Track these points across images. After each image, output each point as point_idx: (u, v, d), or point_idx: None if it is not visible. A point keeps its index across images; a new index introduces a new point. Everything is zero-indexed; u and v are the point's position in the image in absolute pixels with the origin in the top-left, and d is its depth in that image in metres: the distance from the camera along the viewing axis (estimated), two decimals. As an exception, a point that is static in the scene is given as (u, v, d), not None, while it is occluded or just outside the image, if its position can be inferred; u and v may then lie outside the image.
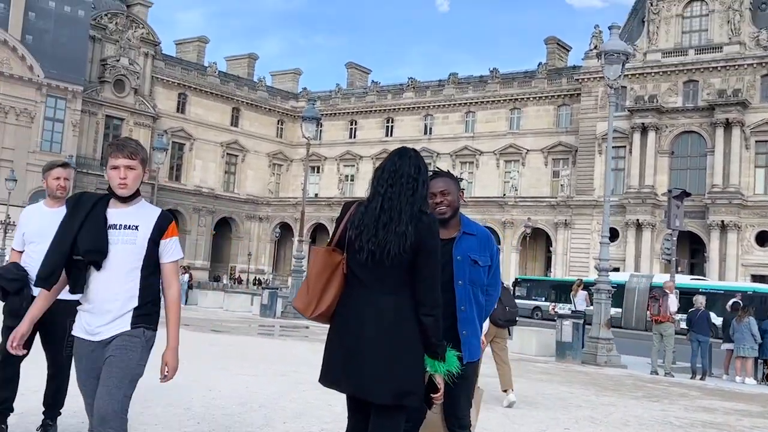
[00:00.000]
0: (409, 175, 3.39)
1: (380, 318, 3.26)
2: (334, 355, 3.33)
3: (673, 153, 53.87)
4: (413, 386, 3.27)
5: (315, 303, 3.36)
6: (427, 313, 3.29)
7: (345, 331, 3.33)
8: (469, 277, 3.91)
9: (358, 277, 3.34)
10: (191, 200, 68.28)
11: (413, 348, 3.28)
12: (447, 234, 3.95)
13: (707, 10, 54.27)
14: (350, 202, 3.53)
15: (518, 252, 60.28)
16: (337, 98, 75.20)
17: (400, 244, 3.25)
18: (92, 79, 61.23)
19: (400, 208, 3.31)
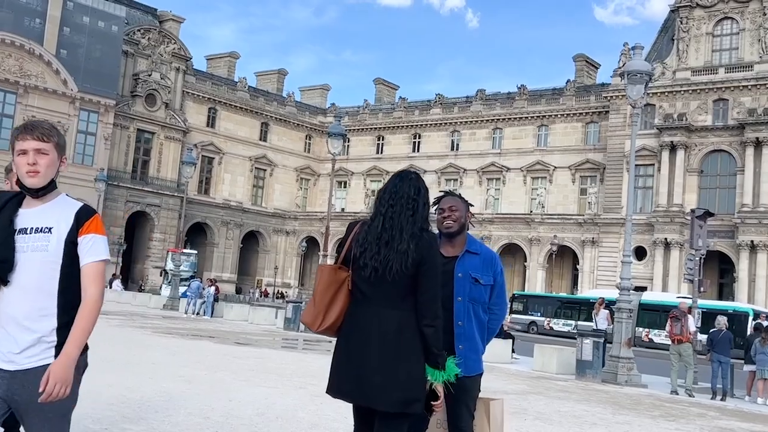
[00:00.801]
0: (409, 196, 3.60)
1: (384, 330, 3.46)
2: (342, 367, 3.53)
3: (703, 172, 53.43)
4: (417, 394, 3.46)
5: (321, 317, 3.57)
6: (429, 324, 3.48)
7: (351, 343, 3.53)
8: (469, 294, 4.08)
9: (362, 293, 3.54)
10: (219, 213, 68.96)
11: (416, 358, 3.47)
12: (452, 252, 4.15)
13: (738, 29, 53.94)
14: (354, 222, 3.76)
15: (545, 269, 60.03)
16: (364, 114, 75.64)
17: (402, 261, 3.46)
18: (124, 93, 62.25)
19: (401, 227, 3.52)
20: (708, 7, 54.46)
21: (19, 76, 54.70)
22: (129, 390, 8.73)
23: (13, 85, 54.61)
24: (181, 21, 69.34)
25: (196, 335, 19.80)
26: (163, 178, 64.56)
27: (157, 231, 64.06)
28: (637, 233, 53.28)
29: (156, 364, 11.95)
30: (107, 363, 11.61)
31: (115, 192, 60.36)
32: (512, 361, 19.74)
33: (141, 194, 62.98)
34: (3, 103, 54.80)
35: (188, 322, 25.82)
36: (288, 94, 78.50)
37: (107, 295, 40.90)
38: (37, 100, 55.51)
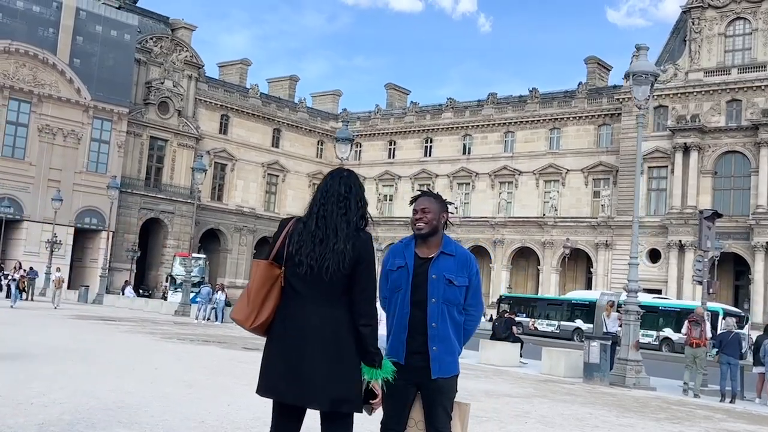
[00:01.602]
0: (340, 194, 3.59)
1: (318, 329, 3.44)
2: (273, 366, 3.49)
3: (716, 173, 53.07)
4: (349, 394, 3.45)
5: (255, 315, 3.53)
6: (365, 323, 3.48)
7: (284, 342, 3.49)
8: (443, 295, 4.07)
9: (296, 290, 3.52)
10: (233, 220, 69.20)
11: (349, 357, 3.46)
12: (427, 253, 4.14)
13: (750, 29, 53.60)
14: (287, 218, 3.73)
15: (558, 273, 59.81)
16: (376, 119, 75.71)
17: (338, 261, 3.45)
18: (137, 101, 62.63)
19: (334, 226, 3.51)
20: (720, 7, 54.15)
21: (33, 85, 55.16)
22: (128, 394, 8.76)
23: (27, 94, 55.07)
24: (193, 29, 69.74)
25: (204, 341, 19.86)
26: (176, 185, 64.87)
27: (171, 238, 64.35)
28: (651, 235, 53.00)
29: (159, 369, 11.99)
30: (112, 368, 11.68)
31: (129, 199, 60.72)
32: (520, 364, 19.66)
33: (154, 201, 63.30)
34: (17, 113, 55.23)
35: (198, 328, 25.90)
36: (300, 100, 78.70)
37: (120, 301, 41.17)
38: (51, 109, 55.94)
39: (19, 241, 54.20)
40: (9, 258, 52.21)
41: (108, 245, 51.63)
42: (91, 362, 12.21)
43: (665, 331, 41.69)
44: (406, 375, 4.06)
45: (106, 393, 8.75)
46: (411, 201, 4.27)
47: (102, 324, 23.47)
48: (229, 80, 76.18)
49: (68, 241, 55.30)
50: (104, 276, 43.97)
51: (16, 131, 55.14)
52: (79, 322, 23.75)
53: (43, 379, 9.50)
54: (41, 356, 12.48)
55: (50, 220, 49.59)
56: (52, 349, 13.75)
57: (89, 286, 45.98)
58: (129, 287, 50.21)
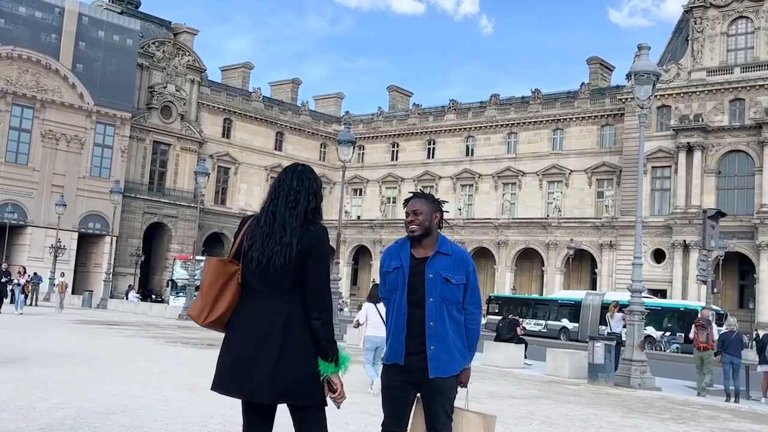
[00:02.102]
0: (291, 187, 3.58)
1: (268, 323, 3.44)
2: (225, 362, 3.50)
3: (720, 172, 52.96)
4: (299, 386, 3.43)
5: (207, 311, 3.53)
6: (316, 317, 3.46)
7: (235, 337, 3.50)
8: (441, 294, 4.07)
9: (251, 286, 3.53)
10: (236, 223, 68.78)
11: (300, 350, 3.44)
12: (423, 253, 4.15)
13: (752, 28, 53.52)
14: (247, 216, 3.74)
15: (562, 273, 59.71)
16: (379, 121, 75.74)
17: (285, 254, 3.45)
18: (140, 106, 62.74)
19: (282, 220, 3.51)
20: (722, 6, 54.08)
21: (36, 91, 55.29)
22: (131, 399, 8.74)
23: (30, 100, 55.21)
24: (195, 33, 69.86)
25: (209, 344, 19.83)
26: (179, 189, 64.94)
27: (175, 242, 64.41)
28: (656, 236, 52.90)
29: (162, 373, 11.97)
30: (114, 372, 11.67)
31: (133, 204, 60.80)
32: (525, 366, 19.62)
33: (158, 205, 63.37)
34: (21, 118, 55.38)
35: (201, 332, 25.86)
36: (302, 103, 78.79)
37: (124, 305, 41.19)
38: (54, 114, 56.07)
39: (23, 247, 54.31)
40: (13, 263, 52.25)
41: (112, 250, 51.66)
42: (93, 367, 12.20)
43: (647, 329, 41.79)
44: (406, 376, 4.06)
45: (108, 397, 8.73)
46: (404, 204, 4.32)
47: (106, 328, 23.47)
48: (232, 84, 76.30)
49: (72, 246, 55.40)
50: (108, 281, 44.01)
51: (20, 137, 55.27)
52: (83, 326, 23.76)
53: (45, 384, 9.49)
54: (44, 361, 12.47)
55: (54, 226, 49.67)
56: (54, 354, 13.74)
57: (93, 291, 46.00)
58: (133, 291, 50.21)
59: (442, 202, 4.32)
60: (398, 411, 4.12)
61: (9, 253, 52.23)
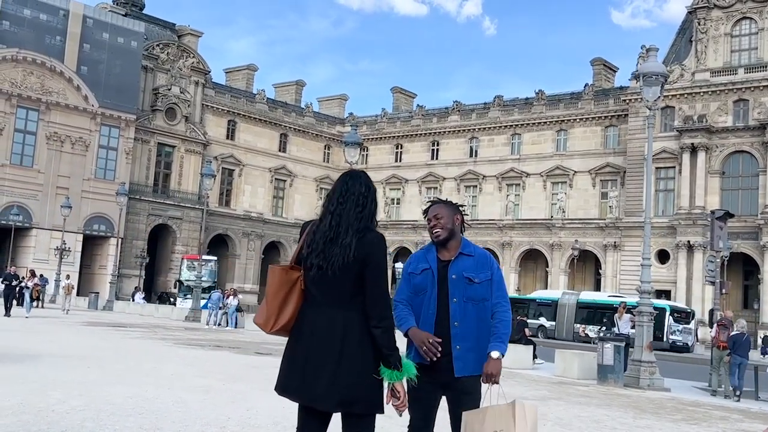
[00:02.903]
0: (360, 193, 3.62)
1: (329, 330, 3.48)
2: (288, 366, 3.55)
3: (724, 173, 52.95)
4: (358, 394, 3.46)
5: (274, 319, 3.58)
6: (376, 325, 3.49)
7: (298, 343, 3.55)
8: (464, 294, 4.14)
9: (311, 293, 3.57)
10: (240, 225, 69.32)
11: (360, 358, 3.47)
12: (448, 256, 4.24)
13: (756, 29, 53.49)
14: (308, 222, 3.75)
15: (567, 274, 59.70)
16: (382, 122, 75.79)
17: (343, 256, 3.47)
18: (144, 108, 62.83)
19: (347, 224, 3.54)
20: (726, 7, 54.05)
21: (41, 93, 55.39)
22: (147, 401, 8.79)
23: (35, 102, 55.31)
24: (200, 35, 69.96)
25: (216, 346, 19.91)
26: (184, 191, 65.03)
27: (179, 243, 64.49)
28: (660, 236, 52.85)
29: (174, 375, 12.02)
30: (128, 374, 11.72)
31: (137, 206, 60.88)
32: (534, 366, 19.65)
33: (163, 207, 63.46)
34: (26, 120, 55.47)
35: (209, 333, 25.95)
36: (306, 105, 78.84)
37: (130, 307, 41.27)
38: (59, 116, 56.16)
39: (29, 249, 54.39)
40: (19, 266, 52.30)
41: (117, 252, 51.75)
42: (106, 369, 12.25)
43: None
44: (433, 376, 4.08)
45: (124, 399, 8.78)
46: (424, 212, 4.41)
47: (114, 330, 23.53)
48: (236, 86, 76.39)
49: (77, 248, 55.49)
50: (114, 282, 44.09)
51: (25, 139, 55.37)
52: (91, 328, 23.83)
53: (61, 387, 9.54)
54: (56, 363, 12.53)
55: (59, 228, 49.74)
56: (66, 357, 13.80)
57: (99, 293, 46.07)
58: (139, 293, 50.28)
59: (460, 205, 4.40)
60: (425, 413, 4.16)
61: (14, 255, 52.32)
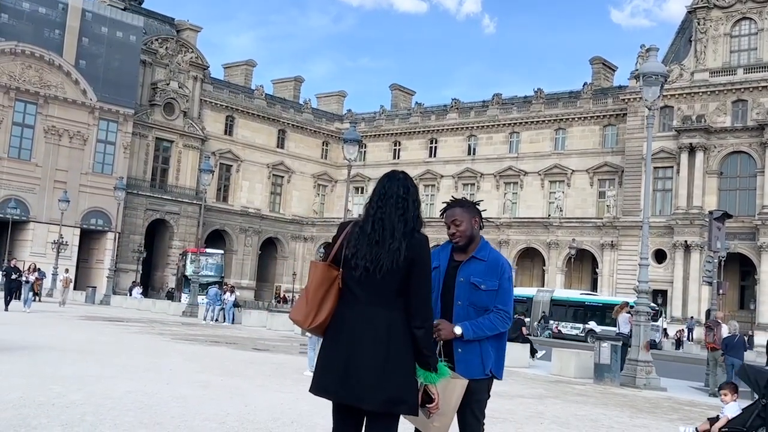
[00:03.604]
0: (399, 195, 3.62)
1: (373, 330, 3.47)
2: (329, 365, 3.53)
3: (722, 173, 53.02)
4: (404, 395, 3.46)
5: (313, 315, 3.58)
6: (419, 325, 3.50)
7: (340, 342, 3.53)
8: (468, 299, 4.12)
9: (353, 292, 3.56)
10: (238, 220, 69.29)
11: (404, 359, 3.48)
12: (463, 257, 4.20)
13: (756, 29, 53.54)
14: (346, 222, 3.77)
15: (563, 273, 59.74)
16: (381, 119, 75.78)
17: (393, 259, 3.48)
18: (143, 103, 62.76)
19: (392, 227, 3.55)
20: (725, 7, 54.09)
21: (39, 86, 55.30)
22: (147, 396, 8.80)
23: (33, 95, 55.22)
24: (199, 30, 69.85)
25: (214, 341, 19.91)
26: (182, 186, 64.99)
27: (177, 239, 64.47)
28: (657, 236, 52.89)
29: (173, 370, 12.03)
30: (126, 369, 11.73)
31: (135, 200, 60.83)
32: (530, 365, 19.69)
33: (160, 202, 63.43)
34: (24, 114, 55.41)
35: (207, 329, 25.96)
36: (305, 101, 78.81)
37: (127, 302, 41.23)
38: (57, 110, 56.09)
39: (26, 242, 54.35)
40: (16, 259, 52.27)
41: (114, 246, 51.65)
42: (105, 363, 12.26)
43: (590, 324, 45.38)
44: None
45: (123, 394, 8.79)
46: (441, 213, 4.34)
47: (112, 325, 23.53)
48: (234, 81, 76.32)
49: (74, 242, 55.46)
50: (111, 277, 44.07)
51: (23, 132, 55.32)
52: (89, 323, 23.82)
53: (60, 381, 9.55)
54: (55, 358, 12.54)
55: (56, 221, 49.69)
56: (64, 351, 13.81)
57: (96, 287, 46.06)
58: (137, 288, 50.26)
59: (478, 203, 4.35)
60: None
61: (11, 249, 52.27)
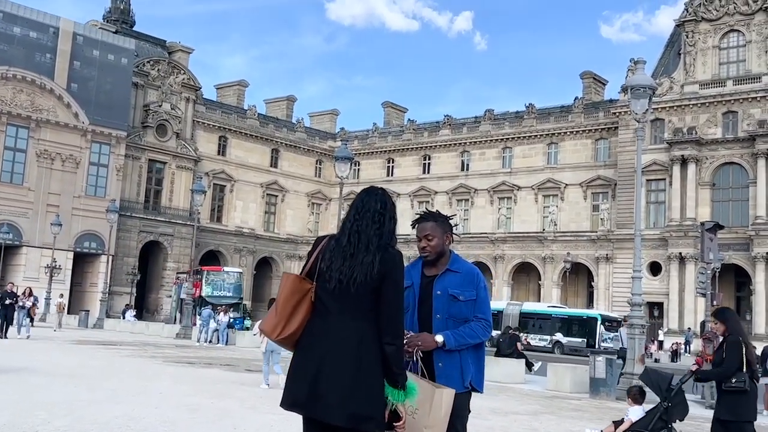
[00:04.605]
0: (376, 210, 3.61)
1: (344, 344, 3.42)
2: (298, 379, 3.48)
3: (715, 185, 53.11)
4: (372, 411, 3.40)
5: (282, 326, 3.53)
6: (390, 342, 3.45)
7: (310, 356, 3.48)
8: (448, 311, 4.07)
9: (325, 306, 3.52)
10: (232, 241, 69.11)
11: (374, 375, 3.42)
12: (434, 272, 4.16)
13: (744, 41, 53.82)
14: (322, 236, 3.73)
15: (559, 287, 59.64)
16: (374, 137, 75.88)
17: (366, 272, 3.45)
18: (135, 125, 62.73)
19: (367, 240, 3.52)
20: (713, 20, 54.43)
21: (31, 110, 55.26)
22: (133, 420, 8.69)
23: (25, 120, 55.16)
24: (190, 51, 70.01)
25: (207, 363, 19.77)
26: (175, 208, 64.86)
27: (171, 260, 64.24)
28: (651, 248, 52.91)
29: (163, 394, 11.91)
30: (116, 393, 11.60)
31: (128, 222, 60.66)
32: (525, 381, 19.57)
33: (154, 224, 63.25)
34: (16, 138, 55.31)
35: (200, 351, 25.79)
36: (298, 120, 78.89)
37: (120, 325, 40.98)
38: (50, 134, 56.02)
39: (19, 267, 54.07)
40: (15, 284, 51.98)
41: (108, 269, 51.50)
42: (94, 388, 12.13)
43: (557, 336, 46.73)
44: None
45: (110, 419, 8.68)
46: (413, 224, 4.30)
47: (104, 349, 23.35)
48: (227, 102, 76.41)
49: (68, 266, 55.21)
50: (104, 300, 43.85)
51: (15, 157, 55.20)
52: (82, 347, 23.64)
53: (48, 406, 9.43)
54: (44, 383, 12.40)
55: (49, 245, 49.41)
56: (55, 376, 13.67)
57: (89, 311, 45.81)
58: (130, 311, 50.01)
59: (450, 218, 4.32)
60: None
61: (4, 274, 51.96)
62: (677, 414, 6.83)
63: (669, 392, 6.78)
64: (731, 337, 6.89)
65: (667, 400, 6.77)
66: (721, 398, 6.98)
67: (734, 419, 6.84)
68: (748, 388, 6.77)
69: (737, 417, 6.84)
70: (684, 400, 6.98)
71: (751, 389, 6.84)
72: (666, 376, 7.01)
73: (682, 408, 6.91)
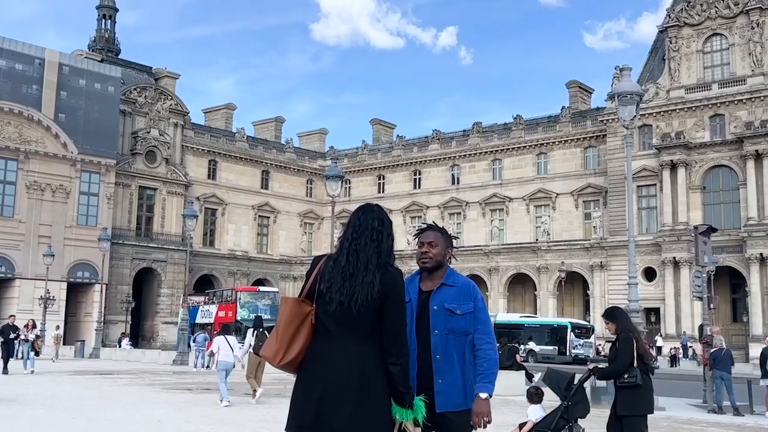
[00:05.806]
0: (373, 228, 3.57)
1: (348, 366, 3.37)
2: (302, 402, 3.43)
3: (705, 188, 53.28)
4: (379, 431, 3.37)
5: (283, 351, 3.48)
6: (394, 362, 3.41)
7: (314, 379, 3.43)
8: (446, 326, 4.01)
9: (327, 328, 3.47)
10: (225, 264, 68.91)
11: (377, 396, 3.38)
12: (430, 286, 4.09)
13: (727, 44, 54.19)
14: (320, 256, 3.67)
15: (555, 297, 59.59)
16: (363, 154, 75.97)
17: (367, 292, 3.40)
18: (124, 152, 62.65)
19: (366, 259, 3.48)
20: (696, 25, 54.82)
21: (19, 142, 55.13)
22: (133, 450, 8.59)
23: (13, 152, 55.01)
24: (177, 77, 70.08)
25: (205, 389, 19.61)
26: (167, 233, 64.66)
27: (165, 286, 63.99)
28: (645, 254, 52.99)
29: (161, 422, 11.79)
30: (114, 424, 11.47)
31: (121, 250, 60.43)
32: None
33: (146, 251, 63.02)
34: (5, 171, 55.13)
35: (197, 376, 25.60)
36: (287, 141, 78.95)
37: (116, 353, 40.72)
38: (39, 165, 55.86)
39: (12, 300, 53.72)
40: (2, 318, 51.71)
41: (102, 298, 51.21)
42: (91, 418, 12.00)
43: (530, 344, 47.02)
44: None
45: (109, 450, 8.57)
46: (416, 234, 4.25)
47: (101, 378, 23.16)
48: (215, 125, 76.44)
49: (61, 297, 54.88)
50: (99, 329, 43.58)
51: (4, 189, 55.02)
52: (78, 377, 23.44)
53: (45, 440, 9.31)
54: (41, 415, 12.26)
55: (42, 277, 49.16)
56: (52, 408, 13.52)
57: (85, 341, 45.49)
58: (125, 339, 49.68)
59: (454, 237, 4.29)
60: None
61: (-2, 307, 51.70)
62: (578, 412, 6.93)
63: (569, 391, 6.86)
64: (623, 334, 6.99)
65: (567, 399, 6.84)
66: (618, 394, 7.17)
67: (630, 414, 7.00)
68: (640, 383, 6.90)
69: (633, 411, 7.00)
70: (585, 398, 7.08)
71: (644, 383, 6.97)
72: (566, 375, 7.11)
73: (583, 406, 7.01)
